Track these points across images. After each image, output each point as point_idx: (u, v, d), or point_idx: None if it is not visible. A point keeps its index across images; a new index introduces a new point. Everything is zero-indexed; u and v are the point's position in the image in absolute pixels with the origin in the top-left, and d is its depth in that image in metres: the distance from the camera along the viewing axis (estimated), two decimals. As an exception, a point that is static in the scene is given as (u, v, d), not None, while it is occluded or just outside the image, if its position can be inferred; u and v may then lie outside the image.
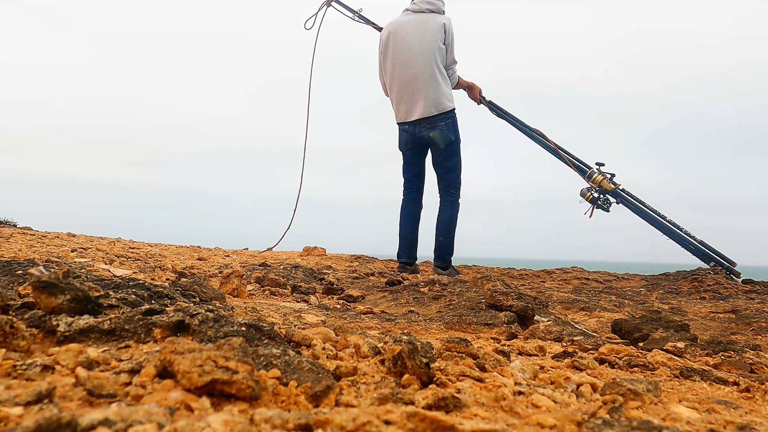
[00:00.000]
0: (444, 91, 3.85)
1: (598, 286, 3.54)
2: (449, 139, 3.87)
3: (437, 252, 3.99)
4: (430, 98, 3.81)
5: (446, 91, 3.87)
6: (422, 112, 3.84)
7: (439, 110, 3.83)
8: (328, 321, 1.40)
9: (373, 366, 0.85)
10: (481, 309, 1.60)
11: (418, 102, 3.85)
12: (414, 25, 3.85)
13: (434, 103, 3.82)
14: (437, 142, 3.89)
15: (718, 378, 1.03)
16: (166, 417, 0.52)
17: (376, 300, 2.15)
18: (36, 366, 0.65)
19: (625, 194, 4.40)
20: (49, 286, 0.85)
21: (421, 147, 4.00)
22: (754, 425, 0.74)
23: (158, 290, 1.21)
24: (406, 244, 4.05)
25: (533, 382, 0.88)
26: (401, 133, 4.02)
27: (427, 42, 3.81)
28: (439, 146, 3.90)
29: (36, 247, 2.38)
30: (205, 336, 0.84)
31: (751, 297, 3.00)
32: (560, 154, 4.54)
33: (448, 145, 3.89)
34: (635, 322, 1.55)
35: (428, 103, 3.82)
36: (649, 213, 4.39)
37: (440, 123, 3.85)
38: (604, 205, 4.37)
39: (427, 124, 3.86)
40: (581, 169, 4.51)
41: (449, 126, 3.89)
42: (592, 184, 4.41)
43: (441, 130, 3.85)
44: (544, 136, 4.59)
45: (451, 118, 3.90)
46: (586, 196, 4.43)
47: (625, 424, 0.61)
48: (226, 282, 1.86)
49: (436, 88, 3.81)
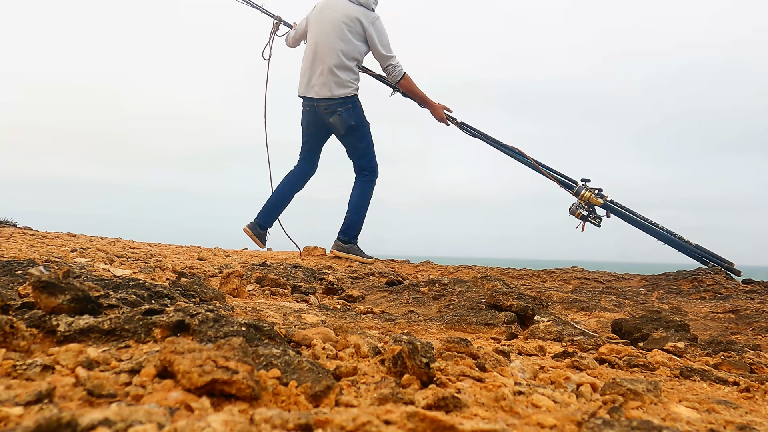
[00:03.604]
0: (346, 79, 3.99)
1: (598, 286, 3.54)
2: (349, 124, 3.99)
3: (342, 226, 4.11)
4: (332, 82, 3.96)
5: (349, 80, 4.01)
6: (319, 92, 3.99)
7: (336, 95, 3.97)
8: (328, 321, 1.40)
9: (373, 366, 0.85)
10: (481, 309, 1.60)
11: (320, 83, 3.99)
12: (336, 13, 3.98)
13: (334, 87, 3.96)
14: (337, 127, 4.02)
15: (718, 378, 1.03)
16: (166, 417, 0.52)
17: (376, 300, 2.15)
18: (36, 366, 0.65)
19: (614, 206, 4.42)
20: (49, 286, 0.85)
21: (322, 130, 4.16)
22: (754, 425, 0.74)
23: (158, 290, 1.21)
24: (267, 208, 4.20)
25: (533, 382, 0.88)
26: (303, 110, 4.18)
27: (341, 31, 3.95)
28: (340, 131, 4.04)
29: (36, 247, 2.38)
30: (205, 336, 0.84)
31: (751, 297, 3.00)
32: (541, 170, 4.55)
33: (349, 130, 4.02)
34: (635, 322, 1.55)
35: (329, 86, 3.97)
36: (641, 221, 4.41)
37: (339, 108, 3.98)
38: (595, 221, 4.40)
39: (326, 107, 4.00)
40: (567, 185, 4.52)
41: (348, 111, 4.00)
42: (580, 201, 4.43)
43: (340, 115, 3.98)
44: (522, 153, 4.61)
45: (351, 103, 4.01)
46: (575, 213, 4.44)
47: (625, 424, 0.61)
48: (226, 282, 1.86)
49: (337, 74, 3.96)
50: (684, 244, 4.37)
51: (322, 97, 4.00)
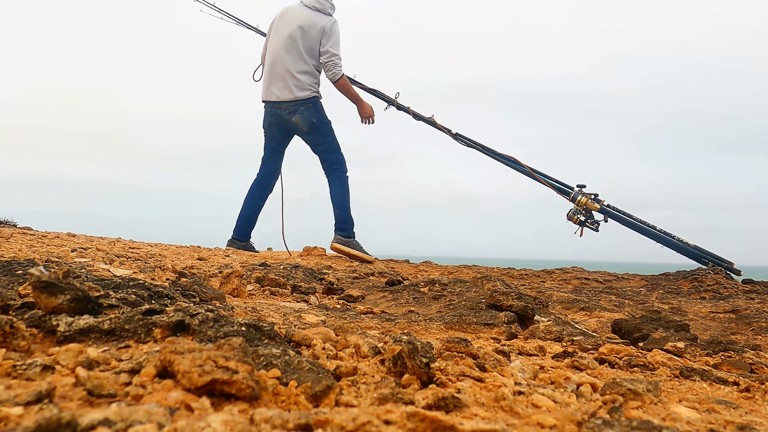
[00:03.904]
0: (306, 81, 4.16)
1: (598, 286, 3.54)
2: (311, 122, 4.16)
3: (336, 224, 4.24)
4: (293, 85, 4.13)
5: (309, 83, 4.18)
6: (280, 95, 4.17)
7: (298, 96, 4.14)
8: (328, 321, 1.40)
9: (373, 366, 0.85)
10: (481, 309, 1.60)
11: (280, 86, 4.17)
12: (297, 18, 4.16)
13: (295, 89, 4.13)
14: (300, 125, 4.19)
15: (718, 378, 1.03)
16: (166, 417, 0.52)
17: (376, 300, 2.15)
18: (36, 366, 0.65)
19: (611, 210, 4.43)
20: (49, 286, 0.85)
21: (283, 131, 4.32)
22: (754, 425, 0.74)
23: (158, 290, 1.21)
24: (242, 222, 4.37)
25: (533, 382, 0.88)
26: (265, 113, 4.33)
27: (301, 36, 4.12)
28: (303, 130, 4.20)
29: (36, 247, 2.38)
30: (205, 336, 0.84)
31: (751, 297, 3.00)
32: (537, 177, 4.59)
33: (311, 128, 4.18)
34: (635, 322, 1.55)
35: (290, 89, 4.14)
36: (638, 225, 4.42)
37: (300, 107, 4.15)
38: (592, 226, 4.42)
39: (287, 108, 4.17)
40: (563, 191, 4.55)
41: (310, 110, 4.17)
42: (577, 207, 4.45)
43: (301, 113, 4.15)
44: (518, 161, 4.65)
45: (312, 103, 4.18)
46: (573, 219, 4.46)
47: (625, 424, 0.61)
48: (226, 282, 1.86)
49: (299, 77, 4.14)
50: (682, 246, 4.38)
51: (284, 100, 4.16)
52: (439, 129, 4.75)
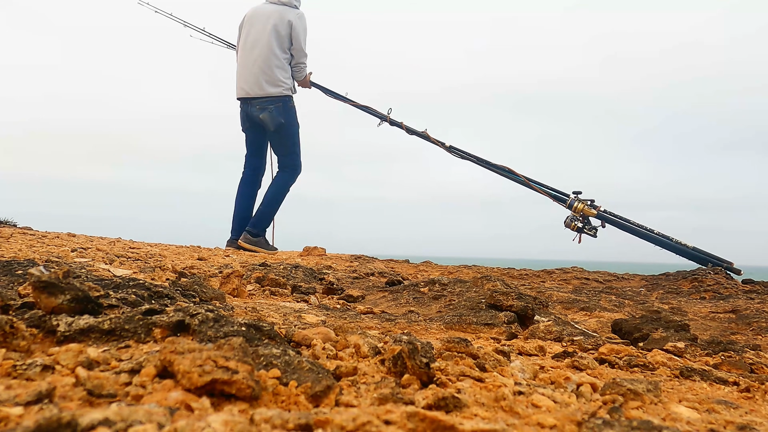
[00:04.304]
0: (278, 77, 4.20)
1: (598, 286, 3.53)
2: (279, 122, 4.19)
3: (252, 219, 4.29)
4: (263, 81, 4.17)
5: (281, 79, 4.21)
6: (251, 90, 4.21)
7: (268, 93, 4.17)
8: (328, 321, 1.40)
9: (373, 366, 0.85)
10: (481, 309, 1.60)
11: (252, 82, 4.21)
12: (265, 15, 4.21)
13: (266, 85, 4.17)
14: (267, 123, 4.21)
15: (718, 378, 1.03)
16: (166, 417, 0.52)
17: (376, 300, 2.15)
18: (36, 366, 0.65)
19: (608, 215, 4.44)
20: (49, 286, 0.85)
21: (256, 127, 4.35)
22: (754, 425, 0.74)
23: (158, 290, 1.21)
24: (237, 223, 4.39)
25: (533, 382, 0.88)
26: (240, 111, 4.38)
27: (271, 32, 4.17)
28: (270, 128, 4.23)
29: (36, 247, 2.38)
30: (205, 336, 0.84)
31: (751, 297, 3.00)
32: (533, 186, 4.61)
33: (278, 128, 4.22)
34: (635, 322, 1.55)
35: (260, 85, 4.18)
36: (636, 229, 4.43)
37: (270, 105, 4.18)
38: (590, 232, 4.44)
39: (258, 104, 4.20)
40: (560, 198, 4.56)
41: (279, 109, 4.19)
42: (574, 213, 4.46)
43: (270, 112, 4.17)
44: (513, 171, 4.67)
45: (283, 102, 4.21)
46: (571, 226, 4.48)
47: (625, 424, 0.61)
48: (226, 282, 1.86)
49: (270, 73, 4.17)
50: (681, 247, 4.39)
51: (255, 96, 4.19)
52: (433, 142, 4.79)
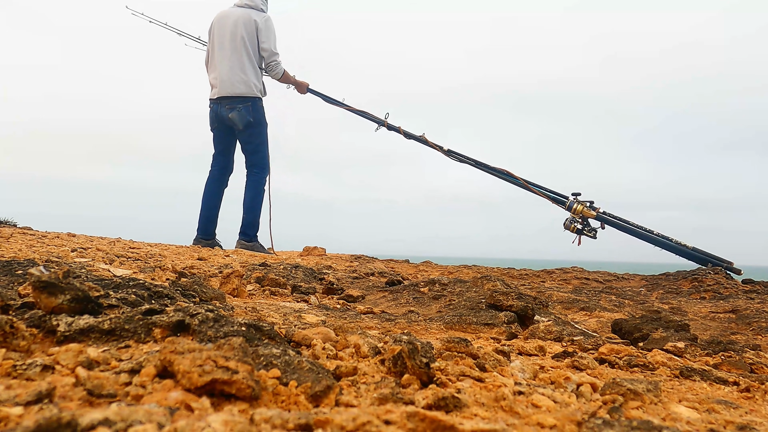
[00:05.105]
0: (247, 78, 4.30)
1: (598, 286, 3.54)
2: (247, 120, 4.30)
3: (241, 227, 4.40)
4: (233, 81, 4.28)
5: (250, 79, 4.31)
6: (221, 90, 4.30)
7: (238, 93, 4.28)
8: (328, 321, 1.40)
9: (373, 366, 0.85)
10: (481, 309, 1.60)
11: (223, 83, 4.31)
12: (233, 18, 4.32)
13: (236, 85, 4.28)
14: (236, 122, 4.31)
15: (718, 378, 1.03)
16: (166, 417, 0.52)
17: (376, 300, 2.15)
18: (36, 366, 0.65)
19: (607, 216, 4.45)
20: (49, 286, 0.85)
21: (224, 127, 4.44)
22: (754, 425, 0.74)
23: (158, 290, 1.21)
24: (203, 221, 4.49)
25: (533, 382, 0.88)
26: (209, 111, 4.47)
27: (240, 34, 4.28)
28: (238, 126, 4.33)
29: (36, 247, 2.38)
30: (205, 336, 0.84)
31: (751, 297, 3.00)
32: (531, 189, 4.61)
33: (246, 126, 4.32)
34: (635, 322, 1.55)
35: (230, 85, 4.28)
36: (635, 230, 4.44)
37: (239, 105, 4.28)
38: (590, 234, 4.44)
39: (227, 104, 4.30)
40: (559, 201, 4.57)
41: (248, 108, 4.30)
42: (573, 215, 4.47)
43: (239, 111, 4.28)
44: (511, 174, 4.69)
45: (252, 102, 4.31)
46: (570, 228, 4.48)
47: (625, 424, 0.61)
48: (226, 282, 1.86)
49: (240, 74, 4.28)
50: (681, 248, 4.40)
51: (224, 95, 4.28)
52: (431, 147, 4.80)
